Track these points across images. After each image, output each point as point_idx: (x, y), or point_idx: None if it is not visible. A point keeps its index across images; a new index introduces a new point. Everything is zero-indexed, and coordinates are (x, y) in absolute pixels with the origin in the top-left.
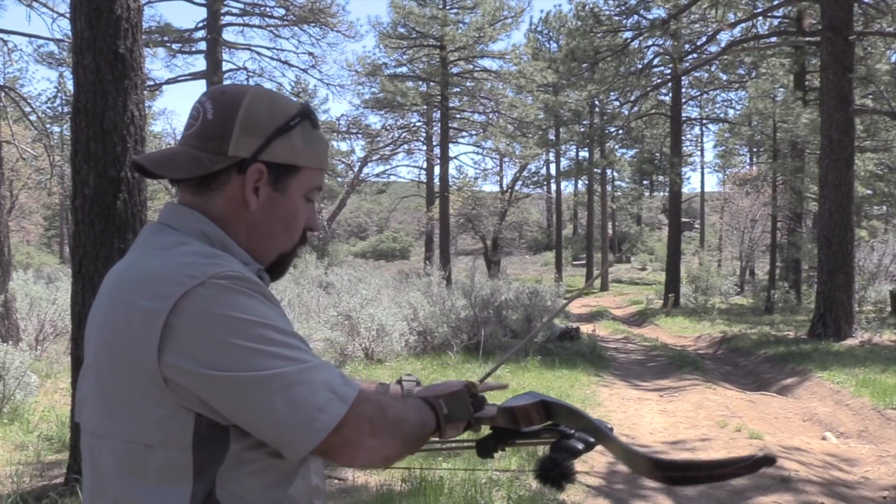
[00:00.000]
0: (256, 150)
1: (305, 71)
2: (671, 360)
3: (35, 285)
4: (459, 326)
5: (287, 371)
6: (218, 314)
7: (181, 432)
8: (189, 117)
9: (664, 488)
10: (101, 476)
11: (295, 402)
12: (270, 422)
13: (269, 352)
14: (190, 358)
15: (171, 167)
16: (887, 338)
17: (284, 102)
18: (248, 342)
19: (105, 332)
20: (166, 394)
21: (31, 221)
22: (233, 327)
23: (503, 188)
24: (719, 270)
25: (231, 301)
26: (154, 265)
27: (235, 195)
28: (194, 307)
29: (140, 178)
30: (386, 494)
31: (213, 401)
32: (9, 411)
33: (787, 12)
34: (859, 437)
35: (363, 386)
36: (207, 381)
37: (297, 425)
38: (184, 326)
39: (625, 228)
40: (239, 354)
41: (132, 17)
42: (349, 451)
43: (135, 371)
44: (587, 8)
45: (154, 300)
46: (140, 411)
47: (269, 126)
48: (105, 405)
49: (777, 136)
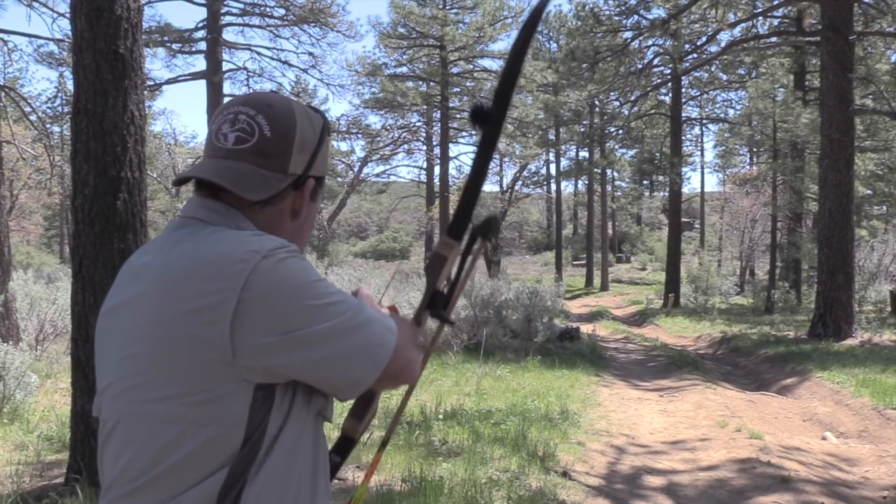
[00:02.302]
0: (307, 165)
1: (305, 71)
2: (671, 360)
3: (35, 285)
4: (459, 326)
5: (348, 316)
6: (286, 282)
7: (240, 406)
8: (233, 128)
9: (664, 488)
10: (134, 464)
11: (361, 343)
12: (340, 367)
13: (331, 303)
14: (267, 328)
15: (249, 188)
16: (887, 338)
17: (314, 116)
18: (315, 300)
19: (163, 319)
20: (233, 370)
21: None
22: (301, 290)
23: (503, 188)
24: (719, 270)
25: (292, 268)
26: (213, 248)
27: (284, 209)
28: (263, 280)
29: (140, 178)
30: (386, 494)
31: (285, 363)
32: (9, 411)
33: (787, 12)
34: (859, 437)
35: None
36: (285, 346)
37: (364, 364)
38: (257, 300)
39: (625, 228)
40: (311, 312)
41: (132, 17)
42: (406, 370)
43: (201, 351)
44: (587, 8)
45: (225, 280)
46: (199, 391)
47: (314, 142)
48: (141, 387)
49: (777, 136)
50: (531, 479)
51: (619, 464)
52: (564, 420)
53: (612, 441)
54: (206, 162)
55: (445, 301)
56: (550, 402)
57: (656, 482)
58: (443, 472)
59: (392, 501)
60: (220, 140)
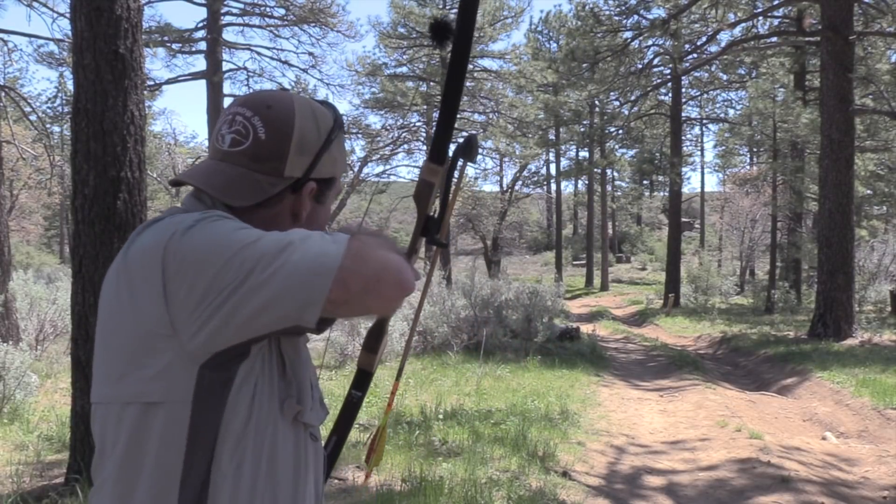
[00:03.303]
0: (308, 168)
1: (305, 71)
2: (671, 360)
3: (35, 285)
4: (459, 326)
5: (273, 246)
6: (199, 247)
7: (184, 383)
8: (230, 129)
9: (664, 488)
10: (104, 447)
11: (296, 261)
12: (285, 295)
13: (251, 243)
14: (197, 296)
15: (236, 195)
16: (887, 338)
17: (323, 115)
18: (233, 250)
19: (113, 305)
20: (172, 342)
21: (31, 221)
22: (216, 249)
23: (503, 188)
24: (719, 270)
25: (204, 232)
26: (150, 237)
27: (282, 211)
28: (179, 254)
29: (140, 178)
30: (386, 494)
31: (229, 320)
32: (9, 411)
33: (787, 12)
34: (859, 437)
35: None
36: (220, 305)
37: (306, 277)
38: (180, 275)
39: (625, 228)
40: (233, 263)
41: (132, 17)
42: (385, 274)
43: (139, 325)
44: (587, 8)
45: (153, 266)
46: (144, 368)
47: (317, 144)
48: (107, 371)
49: (777, 136)
50: (531, 479)
51: (619, 464)
52: (564, 420)
53: (612, 441)
54: (202, 164)
55: (437, 225)
56: (550, 402)
57: (656, 482)
58: (443, 472)
59: (392, 501)
60: (219, 141)
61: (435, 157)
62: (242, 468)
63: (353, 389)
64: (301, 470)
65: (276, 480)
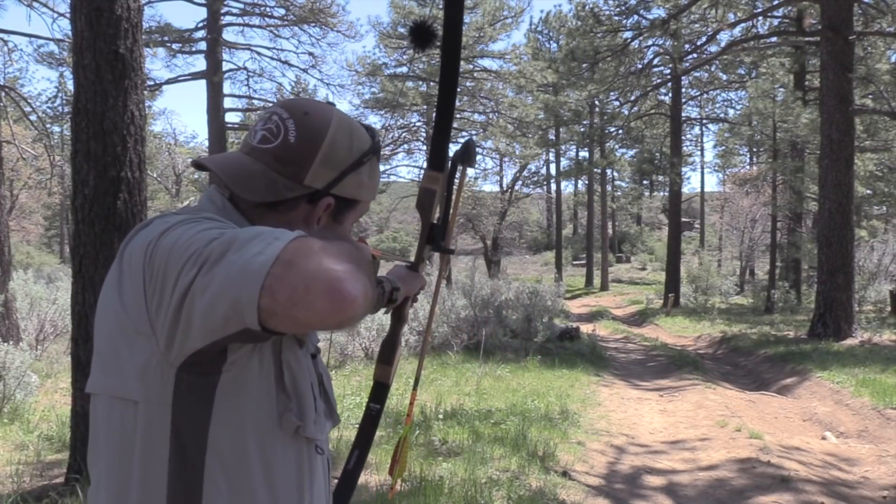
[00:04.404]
0: (330, 183)
1: (305, 71)
2: (671, 360)
3: (35, 285)
4: (459, 326)
5: (218, 242)
6: (165, 249)
7: (162, 385)
8: (263, 126)
9: (664, 488)
10: (97, 437)
11: (234, 261)
12: (219, 295)
13: (219, 234)
14: (163, 295)
15: (248, 187)
16: (887, 338)
17: (361, 136)
18: (187, 251)
19: (106, 294)
20: (150, 342)
21: (31, 221)
22: (178, 248)
23: (503, 188)
24: (719, 270)
25: (173, 235)
26: (139, 239)
27: (295, 219)
28: (157, 248)
29: (140, 178)
30: (386, 494)
31: (187, 318)
32: (9, 411)
33: (787, 12)
34: (859, 437)
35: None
36: (175, 303)
37: (237, 279)
38: (153, 268)
39: (625, 228)
40: (187, 263)
41: (132, 17)
42: (315, 283)
43: (126, 321)
44: (587, 8)
45: (139, 269)
46: (125, 363)
47: (346, 161)
48: (98, 362)
49: (777, 136)
50: (531, 478)
51: (619, 463)
52: (564, 420)
53: (612, 441)
54: (228, 153)
55: (442, 232)
56: (550, 402)
57: (656, 482)
58: (443, 472)
59: (392, 501)
60: (251, 136)
61: (434, 164)
62: (238, 483)
63: (371, 402)
64: (305, 484)
65: (276, 496)
